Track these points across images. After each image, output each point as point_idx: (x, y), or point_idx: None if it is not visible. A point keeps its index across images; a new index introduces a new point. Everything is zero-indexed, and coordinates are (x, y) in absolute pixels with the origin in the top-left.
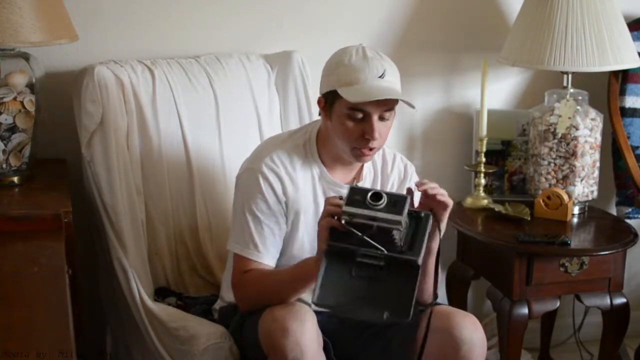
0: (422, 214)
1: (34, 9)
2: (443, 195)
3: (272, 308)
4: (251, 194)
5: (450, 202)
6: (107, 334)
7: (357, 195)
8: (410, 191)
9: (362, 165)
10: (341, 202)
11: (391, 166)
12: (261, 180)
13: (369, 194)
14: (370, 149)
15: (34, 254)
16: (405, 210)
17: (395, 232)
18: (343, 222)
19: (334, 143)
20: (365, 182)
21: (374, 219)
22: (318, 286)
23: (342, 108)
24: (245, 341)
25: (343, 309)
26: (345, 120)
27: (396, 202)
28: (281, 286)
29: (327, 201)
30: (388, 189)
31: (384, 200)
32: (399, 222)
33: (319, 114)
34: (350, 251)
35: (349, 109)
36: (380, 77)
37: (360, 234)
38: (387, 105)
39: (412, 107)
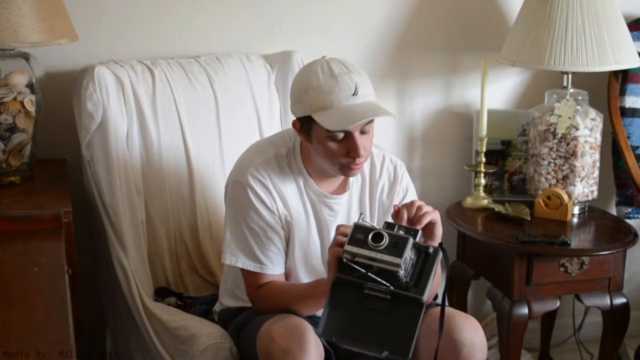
0: (431, 249)
1: (34, 9)
2: (426, 215)
3: (270, 324)
4: (243, 209)
5: (437, 217)
6: (107, 334)
7: (359, 234)
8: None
9: None
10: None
11: (379, 170)
12: (250, 194)
13: (370, 235)
14: (358, 164)
15: (34, 254)
16: (406, 253)
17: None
18: (345, 260)
19: (318, 162)
20: (353, 190)
21: (374, 260)
22: (324, 318)
23: (321, 132)
24: (242, 349)
25: (345, 341)
26: (327, 142)
27: (397, 243)
28: (295, 304)
29: (338, 230)
30: (377, 194)
31: (385, 241)
32: (398, 265)
33: (297, 134)
34: (358, 283)
35: (329, 132)
36: (354, 94)
37: (364, 270)
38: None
39: (393, 117)
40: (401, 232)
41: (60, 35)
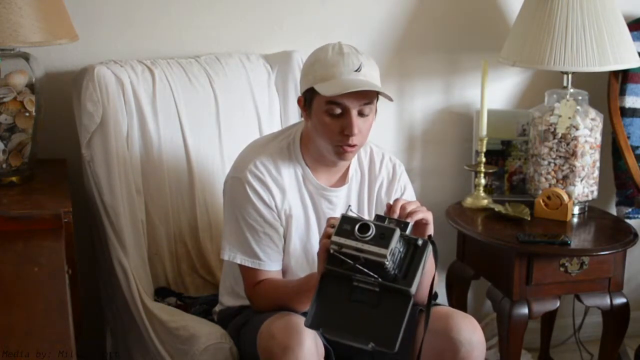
0: (420, 242)
1: (34, 9)
2: (418, 212)
3: (270, 322)
4: (241, 205)
5: (429, 217)
6: (107, 334)
7: (347, 225)
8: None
9: (348, 167)
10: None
11: (379, 166)
12: (248, 190)
13: (357, 225)
14: (352, 146)
15: (34, 254)
16: (393, 244)
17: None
18: (331, 251)
19: (316, 143)
20: (352, 183)
21: (361, 250)
22: (312, 309)
23: (320, 104)
24: (242, 348)
25: (332, 332)
26: (324, 117)
27: (384, 234)
28: (291, 300)
29: (328, 222)
30: (376, 190)
31: (371, 232)
32: (384, 256)
33: (301, 116)
34: (346, 275)
35: (326, 104)
36: (356, 70)
37: (351, 262)
38: (365, 98)
39: (390, 99)
40: (391, 225)
41: (60, 35)
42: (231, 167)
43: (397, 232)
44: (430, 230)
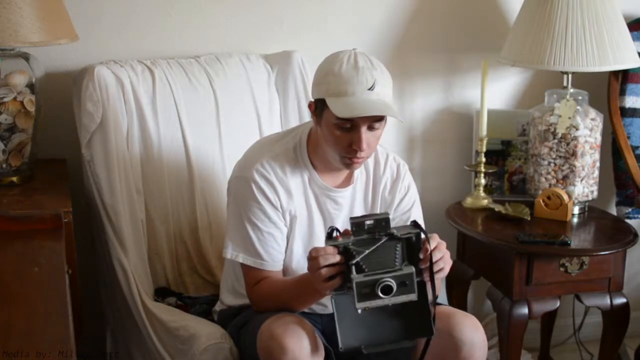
0: (413, 237)
1: (34, 9)
2: (443, 269)
3: (270, 323)
4: (246, 203)
5: (446, 271)
6: (107, 334)
7: (364, 289)
8: (416, 224)
9: None
10: (332, 255)
11: (383, 167)
12: (254, 189)
13: (379, 289)
14: (359, 158)
15: (34, 254)
16: (415, 286)
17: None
18: (359, 311)
19: (324, 149)
20: (357, 184)
21: (389, 303)
22: (338, 331)
23: (330, 117)
24: (241, 349)
25: (370, 345)
26: (333, 130)
27: (405, 282)
28: (290, 300)
29: (315, 264)
30: (380, 190)
31: (394, 288)
32: (414, 299)
33: (311, 117)
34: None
35: (337, 119)
36: (369, 89)
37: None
38: (376, 117)
39: (401, 121)
40: (370, 222)
41: (60, 35)
42: (236, 166)
43: (414, 273)
44: (440, 277)
